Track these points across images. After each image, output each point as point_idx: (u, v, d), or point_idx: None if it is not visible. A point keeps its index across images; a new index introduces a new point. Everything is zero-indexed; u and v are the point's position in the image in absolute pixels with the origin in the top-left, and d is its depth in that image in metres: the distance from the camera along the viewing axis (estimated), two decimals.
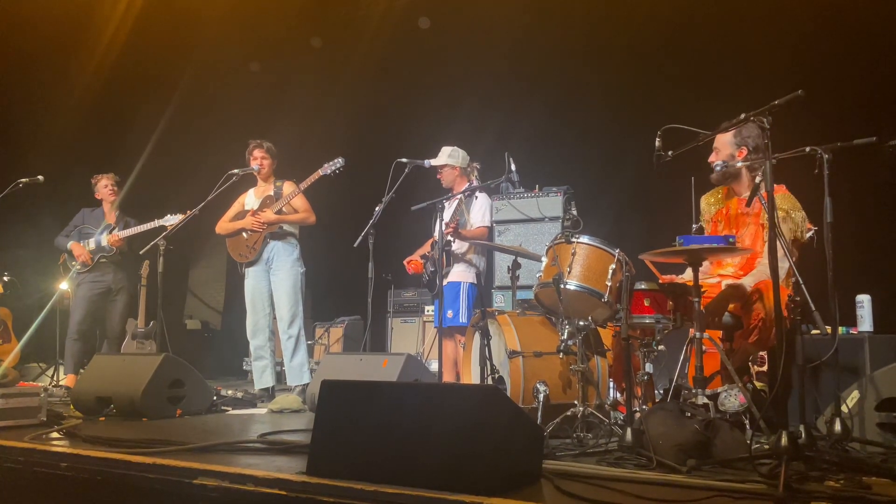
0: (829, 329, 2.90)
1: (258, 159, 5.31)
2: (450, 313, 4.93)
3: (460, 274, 5.03)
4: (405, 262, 5.23)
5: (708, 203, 3.82)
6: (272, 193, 5.31)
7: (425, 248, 5.26)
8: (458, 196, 5.06)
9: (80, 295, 5.93)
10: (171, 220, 5.70)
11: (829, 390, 3.08)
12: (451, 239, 4.87)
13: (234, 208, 5.46)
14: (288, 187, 5.30)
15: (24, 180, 5.59)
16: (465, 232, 4.95)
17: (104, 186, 6.08)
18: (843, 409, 2.89)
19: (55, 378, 6.29)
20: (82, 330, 5.87)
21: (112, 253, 5.93)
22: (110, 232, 5.95)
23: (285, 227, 5.29)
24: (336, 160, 5.16)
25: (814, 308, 2.86)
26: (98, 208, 6.14)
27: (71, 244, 5.97)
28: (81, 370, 5.60)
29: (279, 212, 5.20)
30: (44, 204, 6.83)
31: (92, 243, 5.97)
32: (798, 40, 5.37)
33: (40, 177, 5.68)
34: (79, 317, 5.87)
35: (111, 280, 5.97)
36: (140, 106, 7.65)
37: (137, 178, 7.20)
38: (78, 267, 5.93)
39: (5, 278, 6.55)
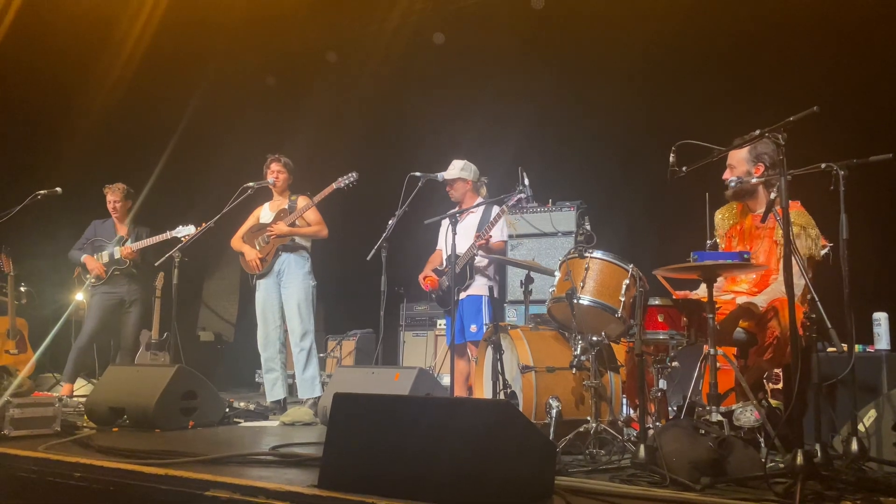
0: (845, 347, 2.87)
1: (274, 173, 5.37)
2: (473, 327, 4.91)
3: (481, 287, 4.99)
4: (420, 279, 5.21)
5: (722, 217, 3.80)
6: (287, 207, 5.35)
7: (435, 263, 5.25)
8: (474, 210, 5.06)
9: (93, 306, 5.96)
10: (184, 231, 5.72)
11: (845, 409, 3.04)
12: (477, 252, 4.88)
13: (250, 221, 5.50)
14: (302, 201, 5.34)
15: (42, 192, 5.64)
16: (492, 245, 4.97)
17: (108, 202, 6.10)
18: (860, 428, 2.85)
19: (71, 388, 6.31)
20: (92, 341, 5.89)
21: (125, 265, 5.96)
22: (123, 244, 5.98)
23: (297, 239, 5.31)
24: (350, 174, 5.19)
25: (830, 325, 2.84)
26: (109, 220, 6.17)
27: (84, 258, 6.00)
28: (94, 380, 5.62)
29: (292, 224, 5.24)
30: (61, 216, 6.90)
31: (105, 256, 6.00)
32: (814, 56, 5.35)
33: (58, 188, 5.73)
34: (91, 328, 5.90)
35: (125, 292, 6.00)
36: (157, 119, 7.74)
37: (154, 191, 7.28)
38: (92, 280, 5.96)
39: (22, 289, 6.61)
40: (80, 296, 6.28)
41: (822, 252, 3.38)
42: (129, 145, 7.67)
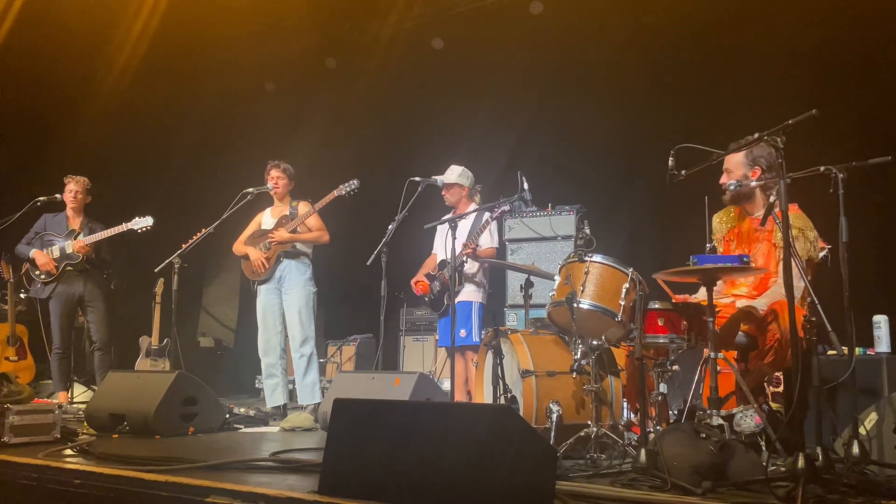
0: (845, 350, 2.87)
1: (274, 179, 5.37)
2: (462, 332, 4.92)
3: (471, 293, 5.03)
4: (413, 284, 5.23)
5: (720, 221, 3.80)
6: (288, 213, 5.35)
7: (429, 267, 5.26)
8: (470, 216, 5.07)
9: (54, 311, 5.74)
10: (140, 223, 5.58)
11: (846, 412, 3.04)
12: (465, 259, 4.89)
13: (251, 227, 5.50)
14: (303, 207, 5.34)
15: (41, 199, 5.64)
16: (480, 253, 4.97)
17: (70, 191, 5.79)
18: (861, 431, 2.85)
19: (70, 395, 6.30)
20: (65, 346, 5.75)
21: (78, 261, 5.67)
22: (75, 238, 5.72)
23: (299, 246, 5.32)
24: (351, 182, 5.19)
25: (830, 328, 2.84)
26: (60, 213, 5.88)
27: (33, 252, 5.68)
28: (94, 386, 5.59)
29: (293, 231, 5.24)
30: None
31: (56, 251, 5.70)
32: (812, 59, 5.37)
33: (58, 195, 5.75)
34: (60, 334, 5.73)
35: (81, 290, 5.74)
36: (157, 126, 7.74)
37: (155, 197, 7.28)
38: (42, 276, 5.68)
39: (22, 296, 6.60)
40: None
41: (821, 254, 3.38)
42: (128, 153, 7.67)
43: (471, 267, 5.02)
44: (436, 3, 7.02)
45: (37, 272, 5.72)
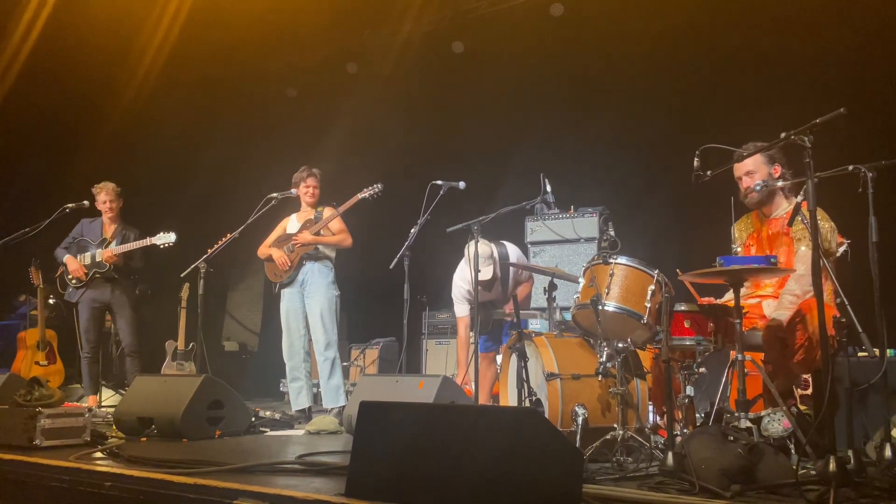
0: (876, 351, 2.83)
1: (310, 188, 5.39)
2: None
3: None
4: None
5: (739, 230, 3.74)
6: (313, 217, 5.38)
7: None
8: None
9: (83, 316, 5.83)
10: (164, 238, 5.63)
11: (877, 414, 3.00)
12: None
13: (277, 232, 5.53)
14: (328, 212, 5.36)
15: (70, 205, 5.72)
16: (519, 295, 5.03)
17: (102, 202, 5.91)
18: (893, 433, 2.80)
19: (99, 398, 6.38)
20: (94, 350, 5.84)
21: (106, 269, 5.75)
22: (106, 246, 5.81)
23: (322, 249, 5.34)
24: (375, 185, 5.21)
25: (860, 329, 2.80)
26: (97, 219, 6.00)
27: (66, 258, 5.82)
28: (122, 390, 5.66)
29: (317, 234, 5.27)
30: None
31: (87, 258, 5.81)
32: (840, 58, 5.29)
33: (85, 202, 5.82)
34: (88, 338, 5.82)
35: (108, 297, 5.82)
36: (181, 132, 7.83)
37: (179, 203, 7.37)
38: (74, 281, 5.79)
39: (51, 301, 6.71)
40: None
41: (841, 249, 3.32)
42: (153, 159, 7.77)
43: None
44: (455, 7, 7.03)
45: (69, 277, 5.85)
